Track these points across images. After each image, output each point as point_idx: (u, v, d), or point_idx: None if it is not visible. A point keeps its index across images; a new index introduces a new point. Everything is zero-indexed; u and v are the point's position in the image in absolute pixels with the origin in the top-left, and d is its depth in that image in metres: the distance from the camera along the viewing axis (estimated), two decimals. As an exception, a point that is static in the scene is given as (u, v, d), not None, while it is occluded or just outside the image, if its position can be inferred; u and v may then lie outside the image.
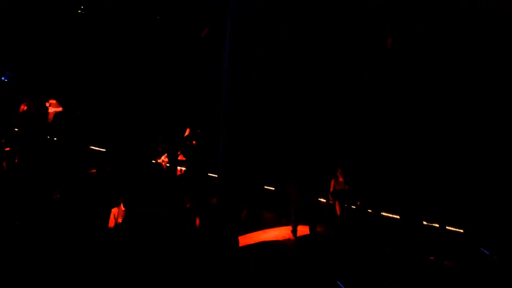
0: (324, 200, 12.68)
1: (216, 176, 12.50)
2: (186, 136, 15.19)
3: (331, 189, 12.45)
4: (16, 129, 15.78)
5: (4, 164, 13.14)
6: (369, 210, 11.99)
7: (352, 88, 14.68)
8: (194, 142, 14.89)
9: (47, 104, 16.62)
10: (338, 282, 8.87)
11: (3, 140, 13.70)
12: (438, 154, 12.82)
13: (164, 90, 17.30)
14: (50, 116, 16.35)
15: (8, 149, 13.66)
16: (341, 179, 12.36)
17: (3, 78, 18.53)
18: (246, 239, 11.03)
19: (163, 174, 13.78)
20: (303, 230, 11.70)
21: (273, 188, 13.01)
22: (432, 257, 10.53)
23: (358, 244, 11.11)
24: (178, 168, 14.49)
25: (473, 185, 11.76)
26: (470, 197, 11.42)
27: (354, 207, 12.24)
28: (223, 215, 10.89)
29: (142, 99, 17.31)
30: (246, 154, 12.09)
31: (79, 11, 19.82)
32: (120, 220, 10.33)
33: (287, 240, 11.34)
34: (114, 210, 10.43)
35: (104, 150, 14.75)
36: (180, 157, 15.07)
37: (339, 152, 13.22)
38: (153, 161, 13.55)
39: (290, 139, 14.36)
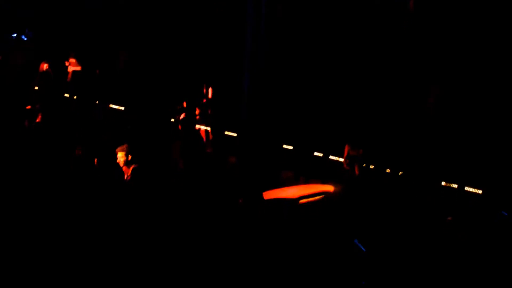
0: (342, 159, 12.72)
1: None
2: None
3: (345, 153, 12.47)
4: (37, 88, 15.88)
5: (26, 123, 13.27)
6: (387, 170, 11.98)
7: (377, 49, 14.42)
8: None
9: (67, 63, 16.63)
10: (355, 241, 8.93)
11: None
12: (457, 112, 12.63)
13: (183, 47, 17.24)
14: (69, 75, 16.38)
15: (29, 107, 13.79)
16: (353, 148, 12.37)
17: (22, 36, 18.55)
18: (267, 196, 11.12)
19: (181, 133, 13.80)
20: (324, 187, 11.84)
21: (292, 147, 13.03)
22: (449, 218, 10.53)
23: (376, 203, 11.17)
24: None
25: (495, 145, 11.62)
26: (491, 157, 11.30)
27: (372, 166, 12.25)
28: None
29: (161, 58, 17.30)
30: (267, 112, 12.00)
31: None
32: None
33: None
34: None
35: (123, 108, 14.83)
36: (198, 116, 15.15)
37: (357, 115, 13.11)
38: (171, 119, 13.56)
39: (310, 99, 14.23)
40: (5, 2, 18.60)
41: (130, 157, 10.18)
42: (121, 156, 10.14)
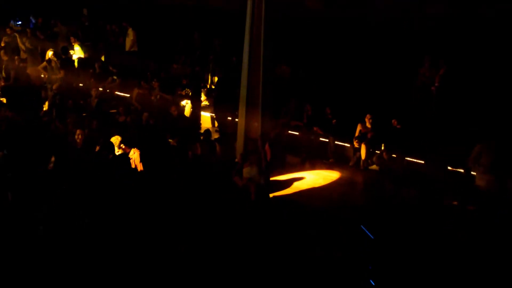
0: (348, 145, 12.74)
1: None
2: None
3: (357, 133, 12.48)
4: (43, 75, 15.90)
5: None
6: (394, 155, 11.97)
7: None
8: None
9: (72, 52, 16.66)
10: (362, 226, 8.96)
11: None
12: (465, 97, 12.62)
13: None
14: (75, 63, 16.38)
15: None
16: (368, 125, 12.38)
17: (31, 25, 18.59)
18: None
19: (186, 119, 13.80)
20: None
21: (297, 133, 13.04)
22: (455, 202, 10.56)
23: (382, 188, 11.22)
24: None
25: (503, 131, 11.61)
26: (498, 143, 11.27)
27: (378, 152, 12.26)
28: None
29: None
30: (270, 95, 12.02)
31: None
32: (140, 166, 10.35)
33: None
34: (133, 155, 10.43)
35: (127, 95, 14.82)
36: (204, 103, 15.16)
37: (366, 96, 13.10)
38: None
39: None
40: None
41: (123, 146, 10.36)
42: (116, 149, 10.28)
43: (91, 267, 7.66)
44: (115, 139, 10.38)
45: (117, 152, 10.30)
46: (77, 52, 16.58)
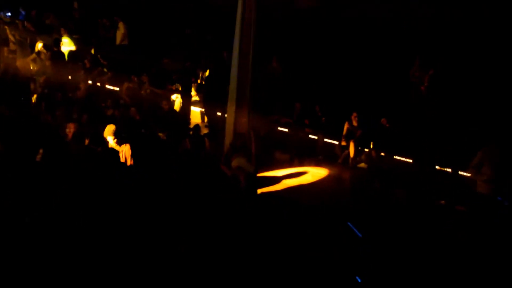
0: (337, 143, 12.79)
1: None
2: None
3: (344, 131, 12.55)
4: (32, 67, 15.79)
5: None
6: (382, 154, 12.04)
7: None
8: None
9: (61, 44, 16.54)
10: (349, 224, 9.02)
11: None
12: (454, 97, 12.72)
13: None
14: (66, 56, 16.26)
15: None
16: (355, 123, 12.45)
17: (20, 17, 18.45)
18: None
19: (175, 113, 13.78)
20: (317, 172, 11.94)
21: (286, 130, 13.07)
22: (443, 201, 10.63)
23: (371, 187, 11.27)
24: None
25: (489, 130, 11.69)
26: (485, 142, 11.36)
27: (367, 150, 12.33)
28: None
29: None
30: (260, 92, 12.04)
31: None
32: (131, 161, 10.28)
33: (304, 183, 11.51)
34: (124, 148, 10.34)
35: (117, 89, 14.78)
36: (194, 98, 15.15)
37: (356, 95, 13.17)
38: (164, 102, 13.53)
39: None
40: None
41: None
42: (111, 138, 10.11)
43: (85, 266, 7.61)
44: (110, 128, 10.23)
45: (113, 141, 10.13)
46: (66, 45, 16.47)
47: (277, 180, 11.49)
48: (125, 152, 10.32)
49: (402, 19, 14.48)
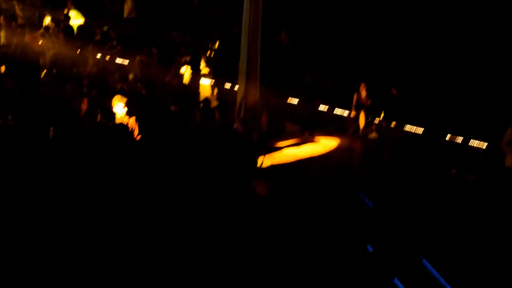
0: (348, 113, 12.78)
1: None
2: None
3: (354, 102, 12.52)
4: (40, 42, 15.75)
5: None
6: (392, 123, 12.04)
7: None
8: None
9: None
10: (361, 194, 9.05)
11: None
12: (464, 66, 12.62)
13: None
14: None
15: None
16: (363, 93, 12.41)
17: None
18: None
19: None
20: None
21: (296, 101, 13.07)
22: (454, 170, 10.63)
23: (381, 158, 11.27)
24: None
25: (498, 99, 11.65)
26: (496, 112, 11.32)
27: (377, 120, 12.32)
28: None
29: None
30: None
31: None
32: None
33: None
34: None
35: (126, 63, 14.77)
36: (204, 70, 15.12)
37: (363, 65, 13.10)
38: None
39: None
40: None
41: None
42: (120, 106, 10.05)
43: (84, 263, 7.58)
44: (120, 99, 10.19)
45: (123, 110, 10.08)
46: (74, 18, 16.41)
47: (287, 152, 11.52)
48: (131, 125, 10.35)
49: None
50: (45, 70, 13.67)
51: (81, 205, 7.83)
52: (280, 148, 11.58)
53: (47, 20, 15.78)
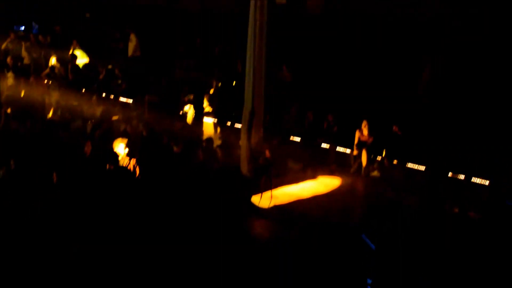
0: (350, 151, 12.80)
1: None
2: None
3: (356, 140, 12.55)
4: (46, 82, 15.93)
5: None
6: (394, 162, 12.05)
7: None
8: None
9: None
10: (363, 236, 9.03)
11: None
12: (466, 104, 12.70)
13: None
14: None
15: None
16: (365, 131, 12.45)
17: (34, 30, 18.67)
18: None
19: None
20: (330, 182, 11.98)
21: (299, 140, 13.11)
22: (456, 209, 10.60)
23: (384, 196, 11.27)
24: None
25: (499, 137, 11.68)
26: (496, 149, 11.36)
27: (379, 158, 12.34)
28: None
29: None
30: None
31: None
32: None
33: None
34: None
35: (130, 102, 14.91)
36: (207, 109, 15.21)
37: (364, 104, 13.16)
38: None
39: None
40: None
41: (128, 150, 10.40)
42: (122, 147, 10.26)
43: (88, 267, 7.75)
44: (121, 140, 10.37)
45: (124, 151, 10.25)
46: (79, 57, 16.60)
47: (290, 192, 11.54)
48: (131, 167, 10.48)
49: (413, 19, 14.50)
50: (52, 110, 13.81)
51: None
52: (282, 187, 11.62)
53: (53, 60, 15.96)
